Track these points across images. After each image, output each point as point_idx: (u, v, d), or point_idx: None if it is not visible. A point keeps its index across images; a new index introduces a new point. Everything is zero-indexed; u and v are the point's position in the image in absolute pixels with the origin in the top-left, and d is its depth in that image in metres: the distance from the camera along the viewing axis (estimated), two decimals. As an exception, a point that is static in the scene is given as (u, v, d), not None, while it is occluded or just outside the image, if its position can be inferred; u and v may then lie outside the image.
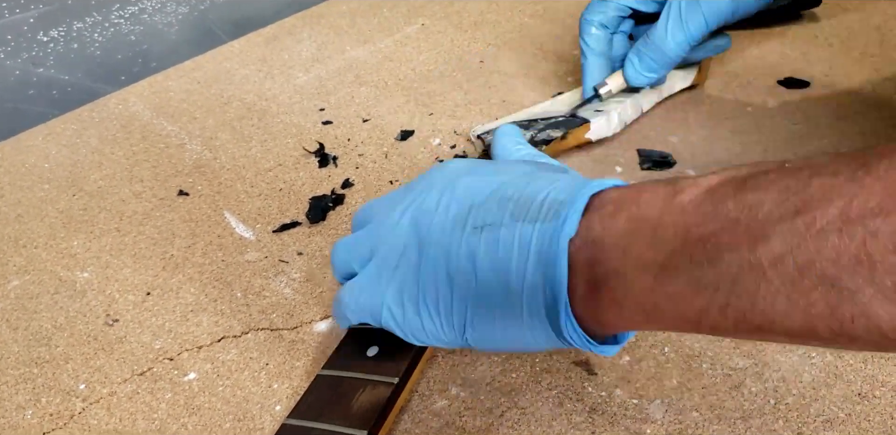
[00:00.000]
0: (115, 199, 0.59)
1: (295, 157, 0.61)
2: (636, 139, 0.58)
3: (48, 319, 0.48)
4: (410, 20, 0.81)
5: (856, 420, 0.37)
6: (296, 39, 0.80)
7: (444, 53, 0.74)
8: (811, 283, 0.22)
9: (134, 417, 0.42)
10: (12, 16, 0.68)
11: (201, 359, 0.44)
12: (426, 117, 0.64)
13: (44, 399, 0.43)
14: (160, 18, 0.79)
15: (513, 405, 0.40)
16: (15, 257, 0.54)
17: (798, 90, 0.61)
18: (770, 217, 0.23)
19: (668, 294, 0.26)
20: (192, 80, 0.74)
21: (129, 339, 0.46)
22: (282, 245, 0.52)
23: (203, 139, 0.65)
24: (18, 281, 0.52)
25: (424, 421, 0.39)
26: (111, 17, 0.75)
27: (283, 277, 0.49)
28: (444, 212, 0.33)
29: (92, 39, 0.74)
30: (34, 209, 0.59)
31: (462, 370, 0.42)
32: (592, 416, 0.39)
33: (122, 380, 0.44)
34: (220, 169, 0.61)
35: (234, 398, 0.42)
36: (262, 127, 0.65)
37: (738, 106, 0.60)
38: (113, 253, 0.53)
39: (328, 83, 0.71)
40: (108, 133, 0.67)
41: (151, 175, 0.61)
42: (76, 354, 0.46)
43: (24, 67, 0.71)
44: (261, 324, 0.46)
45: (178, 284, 0.50)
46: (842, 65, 0.63)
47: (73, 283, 0.51)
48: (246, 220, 0.55)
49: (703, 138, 0.58)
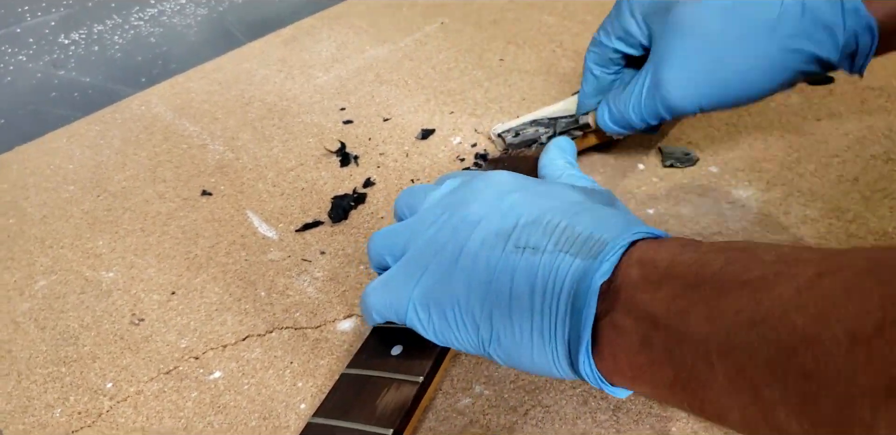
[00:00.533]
0: (138, 199, 0.59)
1: (316, 156, 0.61)
2: (658, 136, 0.58)
3: (75, 319, 0.49)
4: (429, 19, 0.81)
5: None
6: (315, 40, 0.80)
7: (464, 52, 0.74)
8: (742, 385, 0.23)
9: (161, 416, 0.42)
10: (34, 19, 0.69)
11: (226, 357, 0.45)
12: (447, 116, 0.64)
13: (72, 398, 0.44)
14: (179, 20, 0.79)
15: (537, 403, 0.40)
16: (41, 258, 0.54)
17: (822, 86, 0.61)
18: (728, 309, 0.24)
19: (650, 359, 0.27)
20: (212, 81, 0.75)
21: (155, 338, 0.47)
22: (304, 244, 0.52)
23: (225, 139, 0.65)
24: (45, 281, 0.52)
25: (449, 419, 0.39)
26: (131, 20, 0.76)
27: (306, 276, 0.50)
28: (487, 225, 0.33)
29: (112, 42, 0.75)
30: (59, 210, 0.59)
31: (486, 368, 0.42)
32: (617, 414, 0.39)
33: (149, 378, 0.44)
34: (242, 169, 0.61)
35: (259, 396, 0.42)
36: (284, 127, 0.66)
37: (761, 102, 0.60)
38: (137, 253, 0.54)
39: (348, 83, 0.71)
40: (130, 134, 0.68)
41: (174, 175, 0.61)
42: (103, 353, 0.46)
43: (45, 70, 0.72)
44: (285, 323, 0.47)
45: (203, 284, 0.50)
46: (866, 60, 0.63)
47: (99, 283, 0.51)
48: (269, 219, 0.55)
49: (725, 135, 0.57)
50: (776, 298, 0.22)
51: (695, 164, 0.55)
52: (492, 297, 0.31)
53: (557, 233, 0.31)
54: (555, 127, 0.54)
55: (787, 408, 0.21)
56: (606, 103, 0.50)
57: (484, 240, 0.32)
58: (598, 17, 0.76)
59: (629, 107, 0.48)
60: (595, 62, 0.51)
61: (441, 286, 0.33)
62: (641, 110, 0.47)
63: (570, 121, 0.55)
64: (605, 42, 0.49)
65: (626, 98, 0.48)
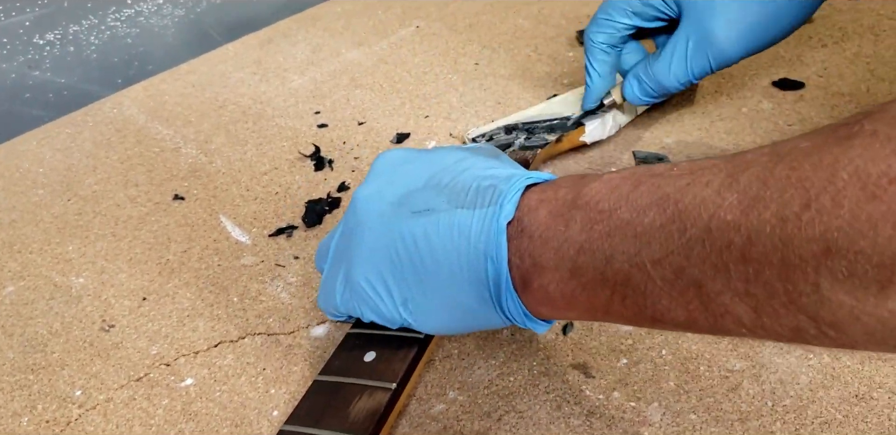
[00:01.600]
0: (109, 203, 0.58)
1: (290, 160, 0.61)
2: (631, 141, 0.58)
3: (44, 325, 0.48)
4: (405, 22, 0.81)
5: (853, 422, 0.37)
6: (291, 42, 0.80)
7: (439, 56, 0.74)
8: (684, 284, 0.25)
9: (131, 424, 0.41)
10: (8, 19, 0.68)
11: (198, 364, 0.44)
12: (422, 120, 0.64)
13: (40, 406, 0.43)
14: (156, 21, 0.79)
15: (511, 409, 0.40)
16: (10, 263, 0.54)
17: (792, 91, 0.61)
18: (653, 224, 0.26)
19: (581, 285, 0.29)
20: (186, 83, 0.74)
21: (126, 344, 0.46)
22: (278, 249, 0.52)
23: (198, 143, 0.64)
24: (13, 287, 0.51)
25: (423, 426, 0.39)
26: (107, 20, 0.75)
27: (279, 282, 0.49)
28: (380, 198, 0.36)
29: (88, 42, 0.74)
30: (28, 214, 0.58)
31: (460, 374, 0.42)
32: (590, 419, 0.39)
33: (119, 386, 0.44)
34: (215, 173, 0.60)
35: (231, 404, 0.42)
36: (258, 130, 0.65)
37: (732, 107, 0.60)
38: (108, 258, 0.53)
39: (323, 86, 0.71)
40: (102, 137, 0.67)
41: (146, 179, 0.61)
42: (72, 361, 0.46)
43: (19, 71, 0.71)
44: (257, 329, 0.46)
45: (174, 289, 0.50)
46: (836, 66, 0.63)
47: (69, 288, 0.51)
48: (242, 224, 0.55)
49: (697, 139, 0.58)
50: (699, 203, 0.24)
51: (668, 169, 0.55)
52: (398, 263, 0.34)
53: (447, 191, 0.34)
54: (529, 132, 0.55)
55: (731, 293, 0.24)
56: (635, 76, 0.52)
57: (381, 212, 0.35)
58: (572, 21, 0.76)
59: (669, 72, 0.49)
60: (606, 42, 0.52)
61: (356, 266, 0.35)
62: (687, 71, 0.49)
63: (543, 125, 0.55)
64: (619, 19, 0.51)
65: (663, 64, 0.49)
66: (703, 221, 0.24)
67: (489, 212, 0.31)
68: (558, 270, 0.29)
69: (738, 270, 0.23)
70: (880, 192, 0.20)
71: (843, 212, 0.20)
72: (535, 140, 0.54)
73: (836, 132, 0.22)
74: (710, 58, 0.48)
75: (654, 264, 0.26)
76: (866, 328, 0.22)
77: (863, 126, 0.21)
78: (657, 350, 0.42)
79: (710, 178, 0.25)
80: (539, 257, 0.30)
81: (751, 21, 0.47)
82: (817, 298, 0.22)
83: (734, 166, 0.25)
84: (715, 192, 0.24)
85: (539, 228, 0.30)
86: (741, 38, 0.47)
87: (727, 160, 0.25)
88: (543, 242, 0.30)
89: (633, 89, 0.52)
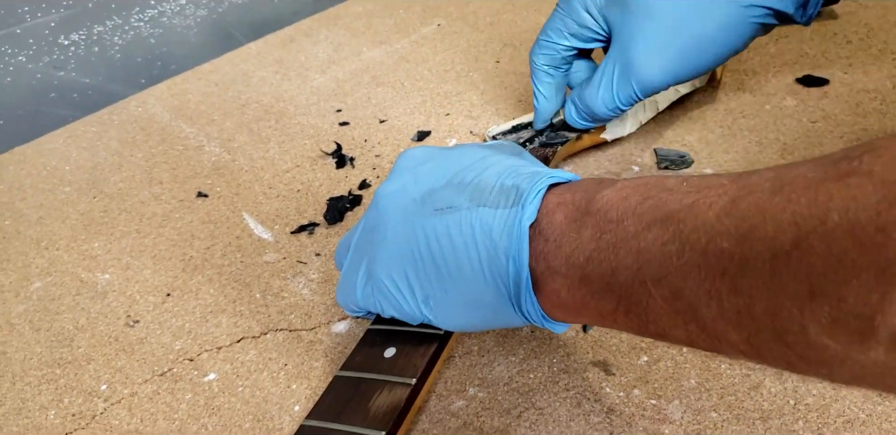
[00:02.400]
0: (134, 201, 0.59)
1: (312, 158, 0.61)
2: (653, 138, 0.58)
3: (70, 321, 0.49)
4: (426, 21, 0.81)
5: (876, 421, 0.37)
6: (312, 41, 0.80)
7: (461, 54, 0.74)
8: (683, 305, 0.25)
9: (155, 418, 0.42)
10: (34, 20, 0.69)
11: (221, 359, 0.45)
12: (443, 118, 0.64)
13: (66, 399, 0.44)
14: (179, 21, 0.80)
15: (530, 406, 0.40)
16: (37, 259, 0.55)
17: (817, 88, 0.61)
18: (655, 241, 0.26)
19: (590, 292, 0.29)
20: (209, 82, 0.75)
21: (150, 340, 0.47)
22: (300, 246, 0.52)
23: (221, 141, 0.65)
24: (41, 283, 0.52)
25: (442, 422, 0.40)
26: (131, 21, 0.76)
27: (301, 278, 0.50)
28: (404, 195, 0.36)
29: (112, 43, 0.75)
30: (55, 211, 0.59)
31: (479, 371, 0.42)
32: (610, 416, 0.39)
33: (143, 380, 0.44)
34: (238, 171, 0.61)
35: (253, 399, 0.42)
36: (280, 129, 0.66)
37: (755, 104, 0.60)
38: (133, 254, 0.54)
39: (345, 84, 0.71)
40: (127, 135, 0.68)
41: (170, 177, 0.61)
42: (98, 355, 0.46)
43: (45, 71, 0.72)
44: (279, 325, 0.47)
45: (198, 286, 0.50)
46: (861, 62, 0.63)
47: (95, 284, 0.52)
48: (264, 221, 0.55)
49: (720, 137, 0.57)
50: (700, 226, 0.24)
51: (690, 166, 0.55)
52: (420, 259, 0.34)
53: (470, 189, 0.34)
54: (550, 129, 0.55)
55: (725, 322, 0.24)
56: (571, 100, 0.51)
57: (405, 210, 0.35)
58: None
59: (597, 98, 0.48)
60: (548, 64, 0.51)
61: (379, 262, 0.36)
62: (614, 97, 0.48)
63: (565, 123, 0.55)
64: (558, 41, 0.50)
65: (593, 90, 0.49)
66: (700, 245, 0.24)
67: (512, 213, 0.31)
68: (569, 277, 0.30)
69: (730, 301, 0.23)
70: (866, 239, 0.19)
71: (830, 256, 0.20)
72: (556, 137, 0.54)
73: (838, 166, 0.21)
74: (633, 85, 0.47)
75: (655, 283, 0.26)
76: (853, 373, 0.22)
77: (861, 163, 0.21)
78: (678, 348, 0.42)
79: (714, 199, 0.24)
80: (553, 261, 0.30)
81: (676, 49, 0.45)
82: (804, 339, 0.21)
83: (739, 189, 0.24)
84: (715, 217, 0.24)
85: (555, 232, 0.30)
86: (665, 66, 0.46)
87: (734, 180, 0.25)
88: (557, 247, 0.30)
89: (572, 113, 0.51)
